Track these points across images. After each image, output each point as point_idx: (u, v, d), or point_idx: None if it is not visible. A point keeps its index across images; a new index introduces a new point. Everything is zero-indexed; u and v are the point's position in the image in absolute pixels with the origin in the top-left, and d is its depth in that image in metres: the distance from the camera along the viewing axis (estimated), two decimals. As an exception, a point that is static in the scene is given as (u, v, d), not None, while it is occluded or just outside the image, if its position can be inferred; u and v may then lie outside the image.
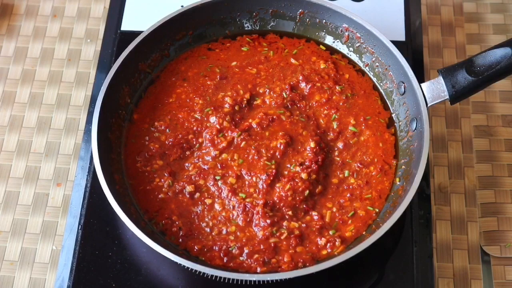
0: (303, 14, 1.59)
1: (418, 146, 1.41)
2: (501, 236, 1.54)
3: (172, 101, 1.52)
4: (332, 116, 1.50)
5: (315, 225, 1.39)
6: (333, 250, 1.37)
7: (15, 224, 1.56)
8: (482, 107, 1.69)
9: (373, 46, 1.54)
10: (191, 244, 1.37)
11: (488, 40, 1.77)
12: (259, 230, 1.38)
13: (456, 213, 1.56)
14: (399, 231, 1.45)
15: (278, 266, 1.35)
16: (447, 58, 1.75)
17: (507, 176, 1.61)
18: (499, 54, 1.39)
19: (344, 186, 1.44)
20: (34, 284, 1.50)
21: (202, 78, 1.55)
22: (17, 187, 1.60)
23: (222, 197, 1.41)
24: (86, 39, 1.78)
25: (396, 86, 1.51)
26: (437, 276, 1.50)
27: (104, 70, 1.63)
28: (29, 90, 1.72)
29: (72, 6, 1.83)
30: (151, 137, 1.48)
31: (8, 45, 1.78)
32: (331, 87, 1.53)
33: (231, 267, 1.35)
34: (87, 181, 1.51)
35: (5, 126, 1.68)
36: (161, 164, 1.45)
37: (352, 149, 1.47)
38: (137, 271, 1.41)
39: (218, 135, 1.46)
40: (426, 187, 1.50)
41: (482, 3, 1.82)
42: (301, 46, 1.60)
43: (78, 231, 1.45)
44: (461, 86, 1.41)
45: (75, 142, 1.65)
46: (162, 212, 1.40)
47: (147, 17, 1.64)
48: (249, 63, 1.57)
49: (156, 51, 1.56)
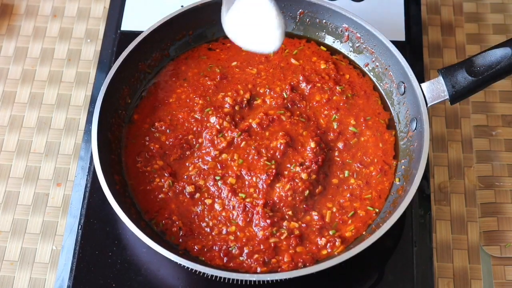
0: (303, 14, 1.59)
1: (418, 146, 1.41)
2: (501, 236, 1.54)
3: (172, 101, 1.52)
4: (332, 116, 1.50)
5: (315, 225, 1.39)
6: (333, 250, 1.37)
7: (15, 224, 1.56)
8: (482, 107, 1.69)
9: (373, 46, 1.54)
10: (191, 244, 1.37)
11: (488, 40, 1.77)
12: (259, 230, 1.38)
13: (456, 213, 1.56)
14: (399, 231, 1.45)
15: (278, 266, 1.35)
16: (447, 58, 1.75)
17: (507, 176, 1.61)
18: (499, 54, 1.39)
19: (344, 186, 1.44)
20: (34, 284, 1.50)
21: (202, 78, 1.55)
22: (17, 187, 1.60)
23: (222, 197, 1.41)
24: (86, 39, 1.78)
25: (396, 86, 1.51)
26: (437, 276, 1.50)
27: (104, 70, 1.63)
28: (29, 90, 1.72)
29: (72, 6, 1.83)
30: (151, 137, 1.48)
31: (8, 45, 1.78)
32: (332, 87, 1.53)
33: (231, 267, 1.35)
34: (87, 181, 1.51)
35: (5, 126, 1.68)
36: (161, 164, 1.45)
37: (352, 150, 1.47)
38: (137, 271, 1.41)
39: (218, 135, 1.46)
40: (426, 187, 1.50)
41: (482, 3, 1.82)
42: (301, 46, 1.60)
43: (78, 231, 1.45)
44: (461, 86, 1.41)
45: (75, 142, 1.65)
46: (162, 212, 1.40)
47: (147, 17, 1.64)
48: (249, 63, 1.57)
49: (156, 51, 1.56)
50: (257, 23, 1.30)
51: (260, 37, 1.30)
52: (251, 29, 1.31)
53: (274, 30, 1.30)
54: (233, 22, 1.32)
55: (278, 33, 1.30)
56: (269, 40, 1.30)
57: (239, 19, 1.31)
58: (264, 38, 1.30)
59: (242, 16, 1.31)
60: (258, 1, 1.30)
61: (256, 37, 1.31)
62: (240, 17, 1.31)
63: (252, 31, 1.31)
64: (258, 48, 1.32)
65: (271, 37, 1.30)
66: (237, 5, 1.32)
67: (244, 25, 1.31)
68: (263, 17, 1.30)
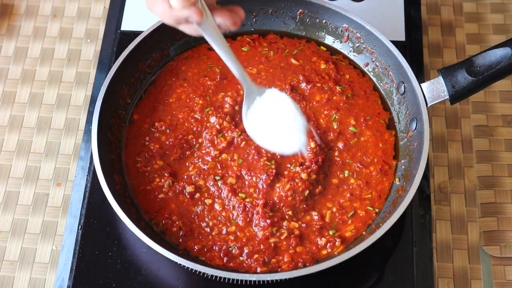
0: (303, 14, 1.59)
1: (418, 146, 1.41)
2: (501, 236, 1.54)
3: (172, 101, 1.52)
4: (332, 116, 1.50)
5: (315, 225, 1.39)
6: (333, 250, 1.37)
7: (15, 224, 1.56)
8: (482, 107, 1.69)
9: (373, 46, 1.54)
10: (191, 244, 1.37)
11: (488, 40, 1.77)
12: (259, 230, 1.38)
13: (456, 213, 1.56)
14: (399, 231, 1.45)
15: (278, 266, 1.35)
16: (447, 58, 1.75)
17: (507, 176, 1.61)
18: (499, 54, 1.39)
19: (344, 186, 1.44)
20: (34, 284, 1.50)
21: (202, 78, 1.55)
22: (17, 187, 1.60)
23: (222, 197, 1.41)
24: (86, 39, 1.78)
25: (396, 86, 1.52)
26: (437, 276, 1.50)
27: (104, 70, 1.63)
28: (29, 90, 1.72)
29: (72, 6, 1.83)
30: (151, 137, 1.48)
31: (8, 45, 1.78)
32: (332, 87, 1.53)
33: (231, 267, 1.35)
34: (87, 181, 1.51)
35: (5, 126, 1.68)
36: (161, 164, 1.45)
37: (352, 150, 1.47)
38: (137, 271, 1.41)
39: (218, 135, 1.46)
40: (426, 187, 1.51)
41: (482, 3, 1.83)
42: (301, 46, 1.60)
43: (78, 231, 1.45)
44: (461, 86, 1.41)
45: (75, 142, 1.65)
46: (162, 212, 1.40)
47: (147, 17, 1.62)
48: (249, 63, 1.57)
49: (156, 51, 1.56)
50: (278, 125, 1.28)
51: (280, 139, 1.29)
52: (271, 130, 1.29)
53: (295, 133, 1.29)
54: (253, 121, 1.30)
55: (299, 137, 1.29)
56: (290, 143, 1.30)
57: (259, 118, 1.30)
58: (285, 141, 1.29)
59: (262, 115, 1.29)
60: (279, 101, 1.30)
61: (276, 139, 1.29)
62: (261, 117, 1.29)
63: (272, 133, 1.29)
64: (278, 150, 1.32)
65: (291, 140, 1.29)
66: (259, 103, 1.31)
67: (264, 126, 1.29)
68: (284, 119, 1.29)
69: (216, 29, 1.27)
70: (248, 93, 1.33)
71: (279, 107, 1.31)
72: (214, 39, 1.28)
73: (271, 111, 1.31)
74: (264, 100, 1.33)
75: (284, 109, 1.31)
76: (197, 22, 1.24)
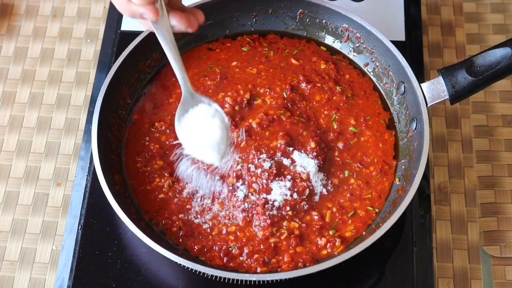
0: (303, 14, 1.59)
1: (418, 146, 1.41)
2: (501, 236, 1.54)
3: (172, 101, 1.52)
4: (332, 116, 1.50)
5: (315, 225, 1.39)
6: (333, 250, 1.37)
7: (15, 224, 1.56)
8: (482, 107, 1.69)
9: (373, 46, 1.54)
10: (191, 244, 1.37)
11: (488, 40, 1.77)
12: (259, 230, 1.38)
13: (456, 213, 1.56)
14: (399, 231, 1.45)
15: (278, 266, 1.35)
16: (447, 58, 1.75)
17: (507, 176, 1.61)
18: (499, 54, 1.39)
19: (344, 186, 1.44)
20: (34, 284, 1.50)
21: (202, 78, 1.55)
22: (17, 187, 1.60)
23: (222, 197, 1.41)
24: (86, 39, 1.78)
25: (396, 86, 1.52)
26: (437, 276, 1.50)
27: (104, 70, 1.63)
28: (29, 90, 1.72)
29: (72, 6, 1.83)
30: (151, 137, 1.48)
31: (8, 45, 1.78)
32: (332, 87, 1.53)
33: (231, 267, 1.35)
34: (87, 181, 1.51)
35: (5, 126, 1.68)
36: (161, 164, 1.45)
37: (352, 150, 1.47)
38: (137, 271, 1.41)
39: (218, 135, 1.46)
40: (426, 187, 1.51)
41: (482, 3, 1.83)
42: (301, 46, 1.60)
43: (78, 231, 1.45)
44: (461, 86, 1.41)
45: (75, 142, 1.65)
46: (162, 212, 1.40)
47: (147, 17, 1.64)
48: (249, 63, 1.57)
49: (156, 51, 1.55)
50: (204, 136, 1.37)
51: (205, 149, 1.37)
52: (199, 141, 1.37)
53: (218, 145, 1.37)
54: (184, 130, 1.38)
55: (221, 149, 1.38)
56: (213, 154, 1.37)
57: (189, 128, 1.38)
58: (209, 151, 1.37)
59: (192, 126, 1.38)
60: (208, 117, 1.38)
61: (202, 148, 1.37)
62: (191, 127, 1.38)
63: (199, 143, 1.37)
64: (203, 159, 1.38)
65: (214, 151, 1.37)
66: (190, 113, 1.39)
67: (193, 135, 1.38)
68: (210, 130, 1.37)
69: (169, 30, 1.35)
70: (184, 100, 1.39)
71: (206, 122, 1.38)
72: (164, 39, 1.35)
73: (198, 123, 1.38)
74: (196, 111, 1.39)
75: (209, 126, 1.38)
76: (151, 20, 1.31)
